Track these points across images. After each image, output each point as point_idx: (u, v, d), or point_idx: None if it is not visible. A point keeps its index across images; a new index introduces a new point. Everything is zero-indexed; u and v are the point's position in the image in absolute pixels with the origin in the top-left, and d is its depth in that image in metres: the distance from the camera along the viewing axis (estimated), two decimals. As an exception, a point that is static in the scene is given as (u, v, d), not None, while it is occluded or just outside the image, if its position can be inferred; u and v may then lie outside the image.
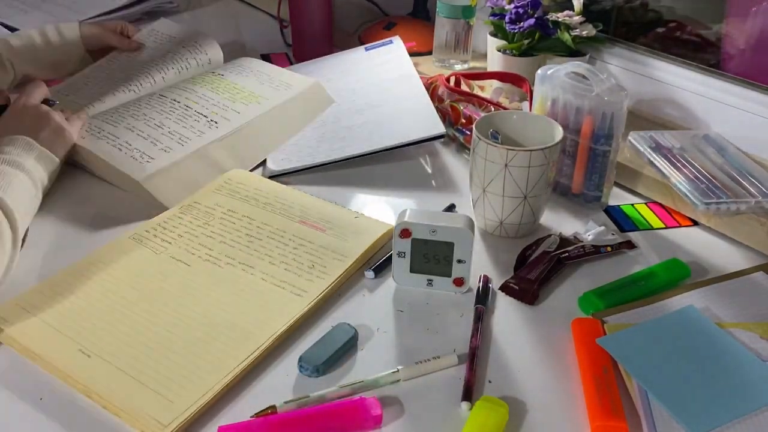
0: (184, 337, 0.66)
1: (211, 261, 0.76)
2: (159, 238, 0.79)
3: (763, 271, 0.76)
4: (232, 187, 0.87)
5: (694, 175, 0.86)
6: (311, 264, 0.75)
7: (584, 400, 0.61)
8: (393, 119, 1.01)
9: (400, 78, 1.11)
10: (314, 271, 0.74)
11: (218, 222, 0.81)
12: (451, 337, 0.68)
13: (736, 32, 1.02)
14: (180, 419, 0.57)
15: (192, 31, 1.19)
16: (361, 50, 1.21)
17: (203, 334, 0.66)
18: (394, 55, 1.17)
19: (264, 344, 0.65)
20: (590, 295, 0.72)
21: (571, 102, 0.84)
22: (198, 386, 0.60)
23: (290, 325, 0.67)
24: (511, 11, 1.07)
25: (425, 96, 1.04)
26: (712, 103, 0.97)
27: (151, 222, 0.81)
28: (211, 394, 0.60)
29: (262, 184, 0.89)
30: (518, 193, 0.78)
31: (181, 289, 0.72)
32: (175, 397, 0.59)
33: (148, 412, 0.58)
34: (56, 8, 1.47)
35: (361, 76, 1.14)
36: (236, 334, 0.66)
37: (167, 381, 0.61)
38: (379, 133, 0.99)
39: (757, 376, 0.62)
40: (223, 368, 0.62)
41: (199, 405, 0.59)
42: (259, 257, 0.76)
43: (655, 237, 0.84)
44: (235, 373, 0.62)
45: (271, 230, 0.80)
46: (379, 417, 0.58)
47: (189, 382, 0.61)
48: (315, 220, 0.82)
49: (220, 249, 0.77)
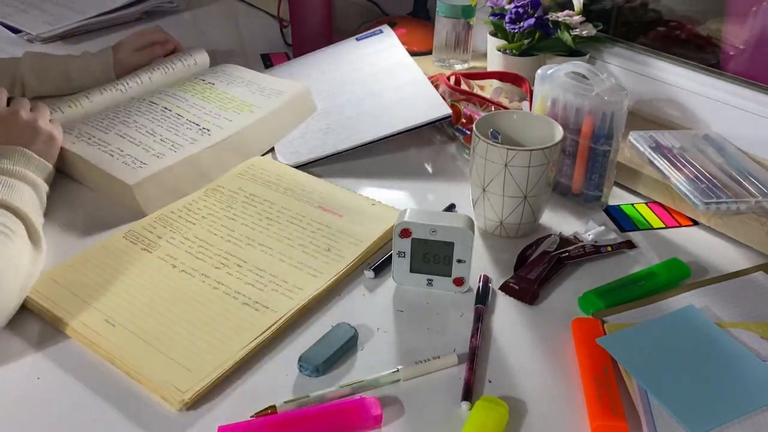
0: (204, 310, 0.69)
1: (233, 242, 0.79)
2: (183, 218, 0.83)
3: (763, 271, 0.76)
4: (254, 173, 0.91)
5: (694, 174, 0.86)
6: (327, 247, 0.78)
7: (584, 399, 0.61)
8: (396, 105, 1.02)
9: (396, 66, 1.12)
10: (330, 254, 0.77)
11: (240, 205, 0.85)
12: (451, 337, 0.68)
13: (736, 32, 1.02)
14: (197, 387, 0.60)
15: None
16: (352, 41, 1.22)
17: (222, 309, 0.69)
18: (386, 44, 1.18)
19: (280, 320, 0.68)
20: (590, 294, 0.72)
21: (571, 102, 0.84)
22: (216, 357, 0.63)
23: (305, 303, 0.70)
24: (511, 11, 1.07)
25: (426, 81, 1.05)
26: (712, 103, 0.97)
27: (177, 204, 0.85)
28: (228, 364, 0.63)
29: (282, 171, 0.92)
30: (518, 192, 0.78)
31: (202, 266, 0.75)
32: (193, 366, 0.62)
33: (168, 379, 0.61)
34: (56, 8, 1.47)
35: (357, 66, 1.15)
36: (253, 310, 0.69)
37: (186, 351, 0.64)
38: (385, 119, 1.00)
39: (757, 376, 0.62)
40: (240, 341, 0.65)
41: (217, 375, 0.61)
42: (278, 239, 0.79)
43: (655, 237, 0.84)
44: (251, 347, 0.64)
45: (290, 215, 0.83)
46: (379, 417, 0.58)
47: (207, 353, 0.64)
48: (333, 206, 0.84)
49: (242, 231, 0.80)
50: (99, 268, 0.74)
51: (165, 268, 0.75)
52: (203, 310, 0.69)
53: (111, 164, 0.87)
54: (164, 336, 0.66)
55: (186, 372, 0.62)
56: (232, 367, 0.63)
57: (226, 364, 0.62)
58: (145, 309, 0.69)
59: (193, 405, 0.60)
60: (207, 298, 0.70)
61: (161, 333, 0.66)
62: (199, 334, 0.66)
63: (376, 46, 1.18)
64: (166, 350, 0.64)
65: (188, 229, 0.81)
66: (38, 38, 1.36)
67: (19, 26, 1.40)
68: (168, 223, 0.82)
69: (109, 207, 0.87)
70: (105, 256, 0.76)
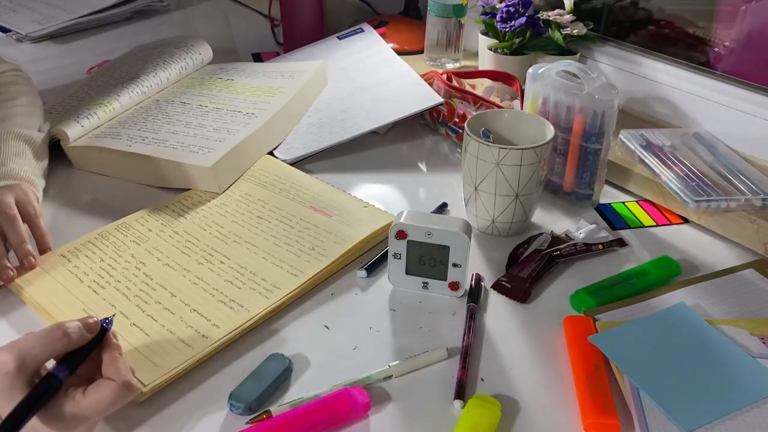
0: (178, 306, 0.69)
1: (220, 238, 0.80)
2: (177, 213, 0.84)
3: (753, 268, 0.77)
4: (252, 172, 0.92)
5: (684, 173, 0.87)
6: (312, 246, 0.78)
7: (576, 397, 0.61)
8: (388, 97, 1.04)
9: (382, 62, 1.13)
10: (313, 252, 0.77)
11: (234, 203, 0.86)
12: (444, 336, 0.68)
13: (726, 31, 1.02)
14: (159, 381, 0.61)
15: (178, 35, 1.22)
16: (334, 39, 1.23)
17: (196, 305, 0.70)
18: (368, 41, 1.19)
19: (252, 319, 0.68)
20: (582, 292, 0.72)
21: (562, 100, 0.85)
22: (182, 352, 0.64)
23: (281, 302, 0.70)
24: (502, 10, 1.08)
25: (414, 73, 1.06)
26: (703, 102, 0.98)
27: (172, 198, 0.87)
28: (193, 360, 0.63)
29: (281, 170, 0.93)
30: (510, 191, 0.78)
31: (186, 261, 0.76)
32: (159, 361, 0.63)
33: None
34: (46, 7, 1.47)
35: (342, 64, 1.16)
36: (228, 308, 0.69)
37: (155, 345, 0.65)
38: (381, 109, 1.01)
39: (747, 373, 0.62)
40: (208, 339, 0.65)
41: (180, 370, 0.62)
42: (265, 238, 0.80)
43: (646, 235, 0.84)
44: (219, 344, 0.65)
45: (281, 214, 0.84)
46: (367, 404, 0.59)
47: (174, 348, 0.64)
48: (324, 206, 0.85)
49: (231, 228, 0.81)
50: (89, 259, 0.76)
51: (150, 260, 0.76)
52: (179, 306, 0.69)
53: (182, 156, 0.89)
54: (135, 329, 0.66)
55: (151, 366, 0.62)
56: (194, 365, 0.63)
57: (189, 362, 0.63)
58: (122, 300, 0.70)
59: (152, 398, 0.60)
60: (185, 293, 0.71)
61: (133, 326, 0.67)
62: (169, 329, 0.66)
63: (359, 44, 1.20)
64: (135, 342, 0.65)
65: (179, 224, 0.82)
66: (28, 38, 1.35)
67: (9, 26, 1.39)
68: (161, 217, 0.83)
69: (107, 198, 0.88)
70: (94, 247, 0.77)
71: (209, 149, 0.90)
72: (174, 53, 1.14)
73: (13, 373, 0.50)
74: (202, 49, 1.18)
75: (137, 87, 1.05)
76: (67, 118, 0.96)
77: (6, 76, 0.98)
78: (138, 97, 1.05)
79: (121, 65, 1.14)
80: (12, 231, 0.74)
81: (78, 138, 0.95)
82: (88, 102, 1.01)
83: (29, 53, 1.31)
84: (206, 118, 0.98)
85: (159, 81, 1.09)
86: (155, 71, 1.09)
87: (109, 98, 1.01)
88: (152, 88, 1.07)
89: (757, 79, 0.94)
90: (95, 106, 0.99)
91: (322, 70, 1.11)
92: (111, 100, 1.01)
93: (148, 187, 0.91)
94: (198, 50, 1.17)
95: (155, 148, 0.91)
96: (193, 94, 1.07)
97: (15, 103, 0.92)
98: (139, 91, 1.05)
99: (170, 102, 1.04)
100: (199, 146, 0.91)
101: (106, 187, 0.92)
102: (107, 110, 1.00)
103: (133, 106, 1.04)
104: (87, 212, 0.86)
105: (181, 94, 1.07)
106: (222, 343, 0.65)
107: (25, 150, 0.86)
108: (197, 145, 0.91)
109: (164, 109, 1.02)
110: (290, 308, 0.71)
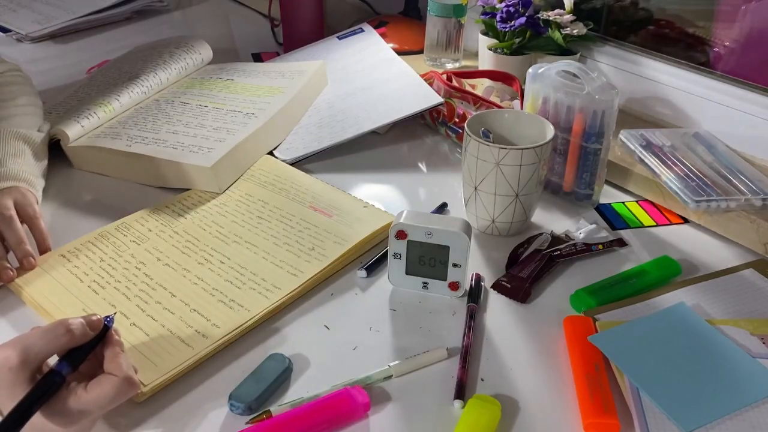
0: (178, 306, 0.69)
1: (220, 238, 0.80)
2: (177, 213, 0.84)
3: (753, 268, 0.77)
4: (252, 172, 0.92)
5: (684, 173, 0.87)
6: (312, 246, 0.78)
7: (576, 397, 0.61)
8: (387, 97, 1.04)
9: (382, 62, 1.13)
10: (313, 252, 0.77)
11: (234, 203, 0.86)
12: (444, 336, 0.68)
13: (726, 31, 1.02)
14: (159, 381, 0.61)
15: (178, 36, 1.22)
16: (334, 39, 1.23)
17: (196, 305, 0.70)
18: (368, 41, 1.19)
19: (252, 319, 0.68)
20: (582, 292, 0.72)
21: (562, 100, 0.85)
22: (182, 352, 0.64)
23: (281, 302, 0.70)
24: (502, 10, 1.08)
25: (413, 73, 1.06)
26: (702, 101, 0.98)
27: (172, 198, 0.87)
28: (193, 360, 0.63)
29: (281, 170, 0.93)
30: (510, 191, 0.78)
31: (186, 261, 0.76)
32: (159, 361, 0.63)
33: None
34: (45, 7, 1.47)
35: (342, 64, 1.16)
36: (228, 308, 0.69)
37: (155, 345, 0.65)
38: (380, 109, 1.01)
39: (748, 373, 0.62)
40: (208, 338, 0.65)
41: (180, 370, 0.62)
42: (265, 238, 0.80)
43: (646, 235, 0.84)
44: (219, 344, 0.65)
45: (281, 214, 0.84)
46: (367, 404, 0.59)
47: (174, 348, 0.64)
48: (324, 206, 0.85)
49: (231, 228, 0.81)
50: (89, 259, 0.76)
51: (150, 260, 0.76)
52: (179, 306, 0.69)
53: (182, 156, 0.89)
54: (136, 329, 0.66)
55: (151, 365, 0.62)
56: (194, 365, 0.63)
57: (190, 361, 0.63)
58: (122, 300, 0.70)
59: (152, 398, 0.60)
60: (185, 293, 0.71)
61: (133, 326, 0.67)
62: (169, 329, 0.66)
63: (359, 44, 1.20)
64: (135, 341, 0.65)
65: (179, 224, 0.82)
66: (28, 38, 1.35)
67: (9, 26, 1.39)
68: (161, 217, 0.83)
69: (107, 198, 0.88)
70: (94, 247, 0.77)
71: (209, 149, 0.90)
72: (174, 53, 1.14)
73: (16, 368, 0.50)
74: (202, 49, 1.18)
75: (137, 87, 1.05)
76: (66, 118, 0.96)
77: (6, 76, 0.98)
78: (138, 97, 1.05)
79: (121, 65, 1.14)
80: (9, 231, 0.75)
81: (78, 138, 0.95)
82: (88, 102, 1.01)
83: (29, 53, 1.31)
84: (206, 118, 0.98)
85: (159, 81, 1.09)
86: (155, 71, 1.09)
87: (109, 98, 1.01)
88: (152, 88, 1.07)
89: (757, 79, 0.94)
90: (95, 106, 0.99)
91: (322, 70, 1.11)
92: (111, 100, 1.01)
93: (148, 187, 0.91)
94: (198, 50, 1.17)
95: (155, 148, 0.91)
96: (193, 94, 1.07)
97: (15, 103, 0.92)
98: (139, 91, 1.05)
99: (170, 102, 1.04)
100: (199, 146, 0.91)
101: (106, 187, 0.92)
102: (107, 110, 1.00)
103: (133, 106, 1.04)
104: (87, 212, 0.86)
105: (181, 94, 1.07)
106: (222, 343, 0.65)
107: (24, 150, 0.86)
108: (197, 145, 0.91)
109: (164, 109, 1.02)
110: (290, 308, 0.71)
